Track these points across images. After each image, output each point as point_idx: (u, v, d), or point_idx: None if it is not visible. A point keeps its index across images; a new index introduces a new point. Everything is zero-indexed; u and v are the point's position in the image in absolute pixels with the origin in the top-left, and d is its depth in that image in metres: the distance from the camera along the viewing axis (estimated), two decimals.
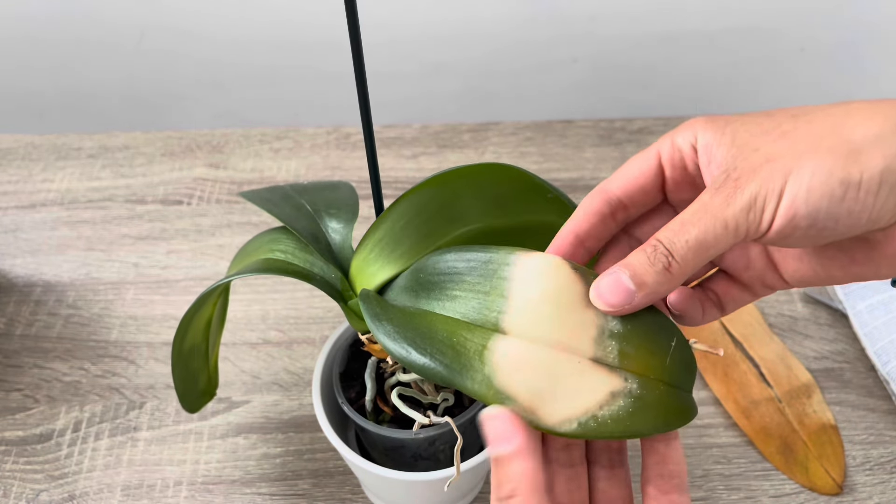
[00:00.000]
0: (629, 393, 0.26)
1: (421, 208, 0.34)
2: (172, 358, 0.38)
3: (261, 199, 0.39)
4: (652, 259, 0.26)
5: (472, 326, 0.28)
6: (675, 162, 0.29)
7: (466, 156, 0.66)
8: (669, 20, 0.74)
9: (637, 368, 0.27)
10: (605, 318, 0.27)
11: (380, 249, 0.34)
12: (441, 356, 0.27)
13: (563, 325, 0.27)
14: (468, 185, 0.34)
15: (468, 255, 0.30)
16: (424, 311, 0.30)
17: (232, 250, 0.58)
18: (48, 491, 0.45)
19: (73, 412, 0.49)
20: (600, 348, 0.27)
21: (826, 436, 0.46)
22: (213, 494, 0.45)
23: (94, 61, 0.77)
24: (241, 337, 0.53)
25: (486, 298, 0.28)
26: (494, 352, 0.27)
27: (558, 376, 0.26)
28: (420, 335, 0.28)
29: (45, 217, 0.61)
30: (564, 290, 0.28)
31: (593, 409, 0.26)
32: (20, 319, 0.54)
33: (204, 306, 0.37)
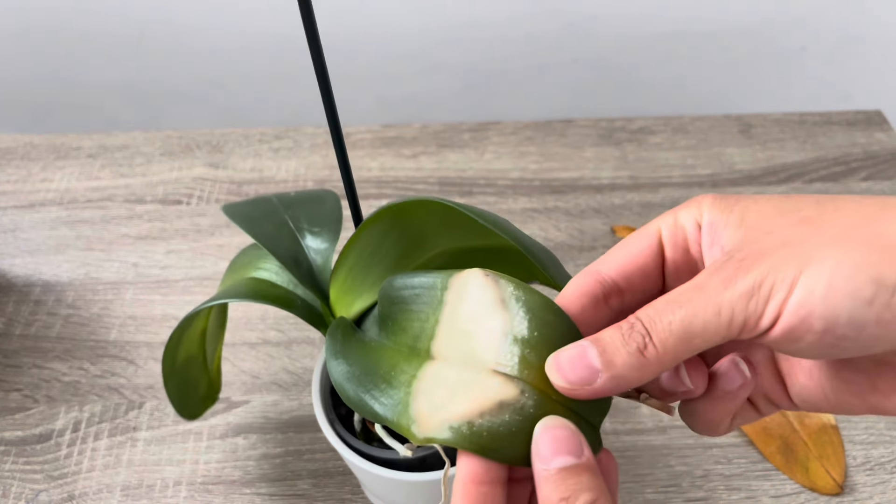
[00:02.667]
0: (521, 408, 0.23)
1: (383, 235, 0.33)
2: (164, 372, 0.37)
3: (242, 216, 0.38)
4: (626, 337, 0.22)
5: (412, 356, 0.27)
6: (678, 242, 0.25)
7: (466, 155, 0.66)
8: (670, 20, 0.74)
9: (538, 383, 0.24)
10: (512, 323, 0.24)
11: (353, 279, 0.34)
12: (377, 391, 0.26)
13: (472, 337, 0.25)
14: (418, 214, 0.32)
15: (413, 281, 0.28)
16: (381, 345, 0.29)
17: (231, 250, 0.58)
18: (47, 491, 0.45)
19: (72, 412, 0.49)
20: (500, 353, 0.24)
21: (826, 436, 0.46)
22: (212, 495, 0.45)
23: (93, 61, 0.77)
24: (240, 337, 0.53)
25: (425, 326, 0.27)
26: (421, 379, 0.25)
27: (456, 389, 0.24)
28: (366, 372, 0.27)
29: (45, 217, 0.61)
30: (481, 301, 0.25)
31: (472, 416, 0.23)
32: (19, 319, 0.54)
33: (194, 322, 0.37)
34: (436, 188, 0.63)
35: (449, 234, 0.33)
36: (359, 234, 0.33)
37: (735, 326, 0.21)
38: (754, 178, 0.64)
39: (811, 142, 0.68)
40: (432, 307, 0.27)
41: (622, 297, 0.26)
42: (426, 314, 0.27)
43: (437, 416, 0.24)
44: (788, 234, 0.22)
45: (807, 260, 0.20)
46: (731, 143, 0.67)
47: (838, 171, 0.65)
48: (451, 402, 0.24)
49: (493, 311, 0.25)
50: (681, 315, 0.21)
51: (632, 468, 0.45)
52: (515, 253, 0.32)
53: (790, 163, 0.66)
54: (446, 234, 0.33)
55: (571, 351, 0.23)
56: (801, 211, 0.22)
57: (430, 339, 0.26)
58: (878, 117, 0.70)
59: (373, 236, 0.33)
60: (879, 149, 0.67)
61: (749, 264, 0.21)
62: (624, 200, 0.62)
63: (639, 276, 0.26)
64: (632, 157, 0.66)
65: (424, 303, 0.27)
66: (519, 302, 0.25)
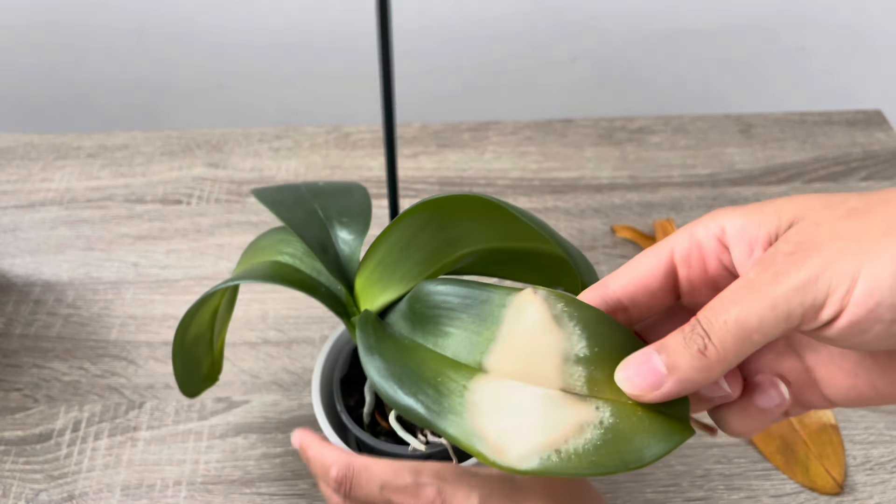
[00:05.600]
0: (600, 423, 0.24)
1: (419, 230, 0.33)
2: (174, 347, 0.38)
3: (272, 200, 0.39)
4: (687, 340, 0.23)
5: (459, 366, 0.27)
6: (693, 260, 0.25)
7: (466, 155, 0.66)
8: (669, 19, 0.74)
9: (609, 394, 0.25)
10: (570, 342, 0.25)
11: (381, 271, 0.34)
12: (424, 397, 0.26)
13: (531, 357, 0.26)
14: (462, 210, 0.32)
15: (465, 292, 0.28)
16: (417, 346, 0.29)
17: (231, 250, 0.58)
18: (48, 491, 0.45)
19: (72, 412, 0.49)
20: (567, 376, 0.25)
21: (826, 435, 0.46)
22: (212, 494, 0.45)
23: (93, 61, 0.77)
24: (240, 337, 0.53)
25: (478, 339, 0.27)
26: (474, 392, 0.26)
27: (527, 411, 0.25)
28: (408, 373, 0.28)
29: (45, 216, 0.61)
30: (536, 321, 0.26)
31: (557, 443, 0.24)
32: (19, 319, 0.54)
33: (209, 301, 0.37)
34: (435, 188, 0.63)
35: (483, 234, 0.33)
36: (394, 226, 0.33)
37: (793, 319, 0.21)
38: (754, 178, 0.64)
39: (811, 142, 0.68)
40: (486, 322, 0.27)
41: (627, 314, 0.27)
42: (479, 326, 0.27)
43: (517, 445, 0.24)
44: (839, 226, 0.21)
45: (866, 252, 0.20)
46: (731, 143, 0.67)
47: (838, 170, 0.65)
48: (528, 429, 0.24)
49: (548, 331, 0.26)
50: (735, 313, 0.22)
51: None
52: (543, 256, 0.33)
53: (790, 162, 0.66)
54: (481, 234, 0.33)
55: (637, 359, 0.24)
56: (847, 202, 0.22)
57: (482, 352, 0.27)
58: (878, 117, 0.70)
59: (408, 230, 0.33)
60: (879, 149, 0.67)
61: (801, 257, 0.21)
62: (624, 200, 0.62)
63: (643, 296, 0.26)
64: (632, 156, 0.66)
65: (477, 315, 0.28)
66: (572, 319, 0.25)
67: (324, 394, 0.40)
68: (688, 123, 0.69)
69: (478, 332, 0.27)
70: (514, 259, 0.34)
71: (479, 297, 0.28)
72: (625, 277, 0.26)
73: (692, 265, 0.25)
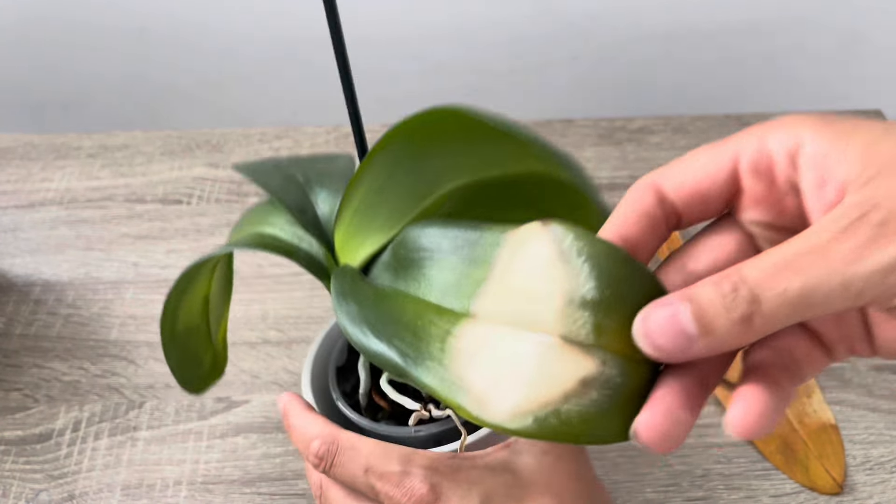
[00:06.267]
0: (606, 382, 0.20)
1: (393, 167, 0.28)
2: (163, 341, 0.35)
3: (251, 169, 0.37)
4: (729, 302, 0.19)
5: (444, 311, 0.24)
6: (761, 171, 0.21)
7: None
8: (670, 18, 0.74)
9: (619, 347, 0.21)
10: (576, 282, 0.21)
11: (358, 221, 0.30)
12: (400, 342, 0.23)
13: (528, 299, 0.22)
14: (434, 134, 0.27)
15: (455, 232, 0.25)
16: (399, 293, 0.26)
17: None
18: (48, 491, 0.45)
19: (72, 412, 0.49)
20: (570, 321, 0.21)
21: (826, 435, 0.46)
22: (212, 494, 0.45)
23: (93, 61, 0.77)
24: (240, 336, 0.53)
25: (466, 281, 0.24)
26: (459, 338, 0.23)
27: (519, 360, 0.21)
28: (384, 318, 0.25)
29: (45, 216, 0.61)
30: (537, 257, 0.22)
31: (556, 402, 0.20)
32: (19, 319, 0.54)
33: (195, 284, 0.35)
34: None
35: (468, 164, 0.28)
36: (365, 168, 0.28)
37: (863, 300, 0.18)
38: None
39: None
40: (477, 263, 0.24)
41: (677, 222, 0.23)
42: (468, 268, 0.24)
43: (506, 398, 0.21)
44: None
45: None
46: None
47: None
48: (521, 380, 0.21)
49: (551, 269, 0.21)
50: (799, 284, 0.18)
51: (631, 467, 0.45)
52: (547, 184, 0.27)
53: None
54: (465, 164, 0.28)
55: (660, 314, 0.19)
56: None
57: (469, 296, 0.23)
58: (877, 117, 0.70)
59: (381, 170, 0.29)
60: None
61: (892, 231, 0.18)
62: None
63: (699, 203, 0.22)
64: (632, 156, 0.66)
65: (467, 256, 0.24)
66: (581, 255, 0.21)
67: (318, 388, 0.38)
68: (688, 123, 0.69)
69: (467, 273, 0.24)
70: (510, 194, 0.29)
71: (470, 238, 0.24)
72: (680, 177, 0.22)
73: (760, 177, 0.21)
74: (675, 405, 0.20)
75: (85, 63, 0.77)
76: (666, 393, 0.20)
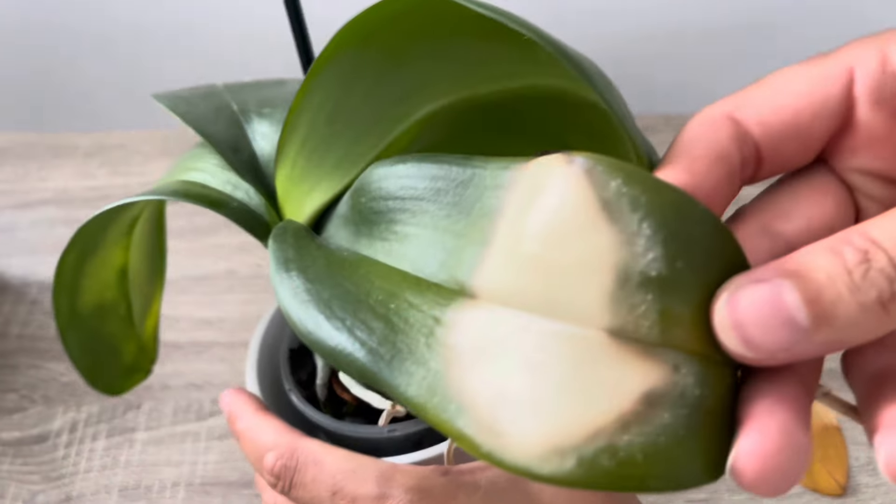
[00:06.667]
0: (682, 396, 0.14)
1: (350, 82, 0.21)
2: (58, 320, 0.28)
3: (174, 97, 0.29)
4: (858, 277, 0.13)
5: (426, 285, 0.17)
6: (886, 96, 0.16)
7: None
8: (671, 17, 0.74)
9: (696, 344, 0.14)
10: (631, 250, 0.14)
11: (305, 160, 0.23)
12: (365, 332, 0.16)
13: (558, 272, 0.15)
14: (402, 34, 0.20)
15: (435, 171, 0.18)
16: (362, 259, 0.19)
17: (230, 250, 0.58)
18: (45, 492, 0.44)
19: (69, 413, 0.48)
20: (625, 308, 0.14)
21: (829, 437, 0.46)
22: (210, 496, 0.44)
23: (90, 59, 0.76)
24: (238, 337, 0.52)
25: (457, 242, 0.17)
26: (452, 328, 0.16)
27: (547, 366, 0.14)
28: (342, 297, 0.17)
29: (42, 216, 0.61)
30: (566, 208, 0.15)
31: (609, 431, 0.14)
32: (16, 319, 0.54)
33: (103, 248, 0.28)
34: None
35: (450, 74, 0.21)
36: (308, 87, 0.21)
37: None
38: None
39: None
40: (470, 215, 0.17)
41: (755, 171, 0.17)
42: (458, 223, 0.17)
43: (529, 426, 0.14)
44: None
45: None
46: None
47: None
48: (551, 396, 0.14)
49: (591, 228, 0.15)
50: None
51: None
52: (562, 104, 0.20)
53: None
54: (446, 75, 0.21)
55: (755, 294, 0.14)
56: None
57: (464, 265, 0.16)
58: None
59: (331, 89, 0.21)
60: None
61: None
62: None
63: (793, 143, 0.16)
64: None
65: (454, 205, 0.17)
66: (637, 209, 0.14)
67: (267, 373, 0.31)
68: None
69: (456, 231, 0.17)
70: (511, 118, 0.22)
71: (457, 176, 0.17)
72: (769, 106, 0.16)
73: (882, 106, 0.16)
74: (790, 422, 0.14)
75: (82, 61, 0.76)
76: (773, 404, 0.14)
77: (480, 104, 0.22)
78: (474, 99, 0.21)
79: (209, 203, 0.25)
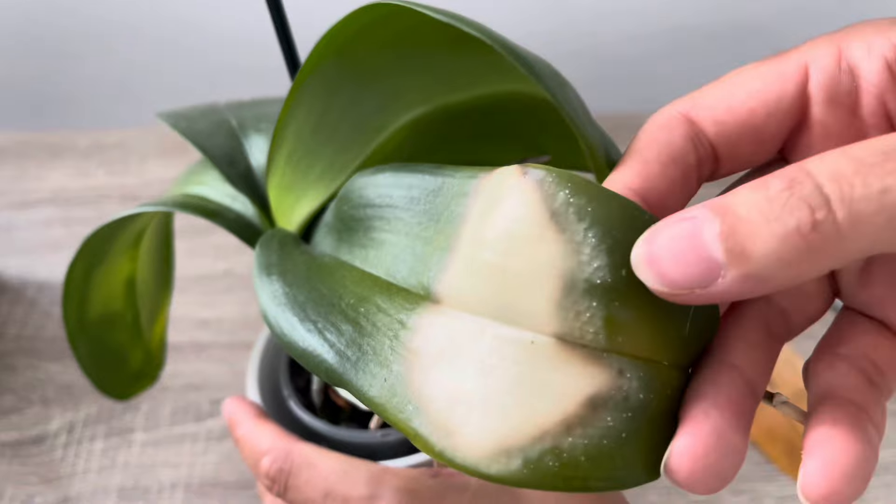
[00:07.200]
0: (625, 400, 0.15)
1: (330, 94, 0.22)
2: (68, 330, 0.30)
3: (175, 115, 0.31)
4: (778, 206, 0.12)
5: (395, 290, 0.18)
6: (839, 92, 0.15)
7: None
8: (673, 15, 0.74)
9: (641, 348, 0.15)
10: (577, 259, 0.15)
11: (292, 170, 0.24)
12: (335, 335, 0.17)
13: (510, 280, 0.16)
14: (377, 45, 0.21)
15: (409, 180, 0.18)
16: (339, 264, 0.20)
17: (228, 250, 0.58)
18: (42, 494, 0.44)
19: (67, 414, 0.48)
20: (570, 315, 0.15)
21: None
22: (209, 497, 0.44)
23: (88, 58, 0.76)
24: (237, 337, 0.52)
25: (425, 249, 0.17)
26: (416, 332, 0.16)
27: (499, 370, 0.15)
28: (317, 301, 0.18)
29: (39, 216, 0.61)
30: (519, 218, 0.16)
31: (553, 433, 0.14)
32: (14, 320, 0.53)
33: (110, 259, 0.30)
34: None
35: (426, 84, 0.22)
36: (293, 99, 0.22)
37: None
38: None
39: None
40: (438, 222, 0.17)
41: (712, 171, 0.17)
42: (427, 230, 0.17)
43: (480, 426, 0.15)
44: None
45: None
46: None
47: None
48: (501, 399, 0.15)
49: (541, 238, 0.15)
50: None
51: None
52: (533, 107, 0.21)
53: None
54: (420, 85, 0.22)
55: (674, 231, 0.13)
56: None
57: (430, 269, 0.17)
58: None
59: (313, 101, 0.22)
60: None
61: None
62: None
63: (749, 143, 0.16)
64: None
65: (425, 212, 0.18)
66: (583, 219, 0.15)
67: (268, 380, 0.32)
68: None
69: (426, 238, 0.17)
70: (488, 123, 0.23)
71: (429, 185, 0.18)
72: (724, 104, 0.16)
73: (836, 104, 0.15)
74: (724, 424, 0.14)
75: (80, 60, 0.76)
76: (709, 407, 0.15)
77: (457, 112, 0.22)
78: (449, 107, 0.22)
79: (207, 214, 0.27)
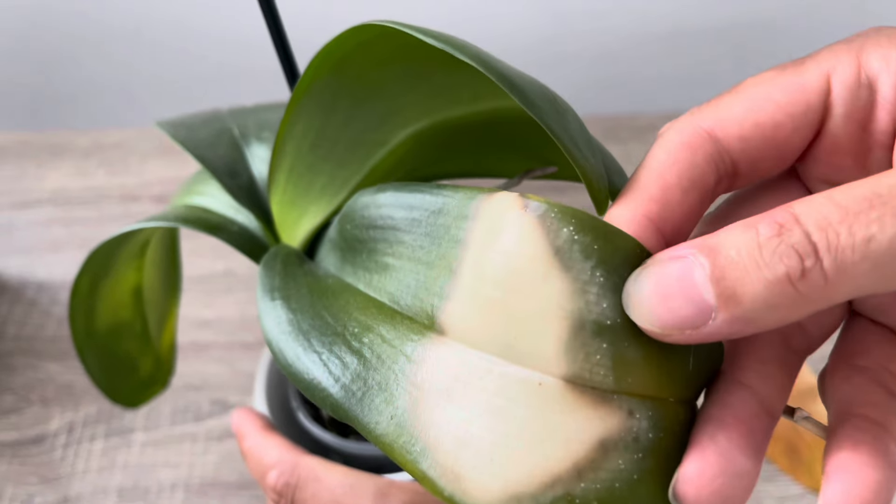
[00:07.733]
0: (636, 441, 0.14)
1: (328, 109, 0.22)
2: (75, 340, 0.29)
3: (175, 124, 0.29)
4: (768, 252, 0.12)
5: (399, 318, 0.17)
6: (857, 107, 0.15)
7: None
8: (674, 16, 0.74)
9: (650, 387, 0.15)
10: (584, 299, 0.14)
11: (294, 185, 0.23)
12: (338, 366, 0.17)
13: (515, 316, 0.15)
14: (373, 62, 0.21)
15: (410, 200, 0.18)
16: (344, 287, 0.19)
17: (228, 250, 0.57)
18: (42, 494, 0.44)
19: (67, 414, 0.48)
20: (579, 357, 0.14)
21: None
22: (208, 497, 0.44)
23: (87, 58, 0.76)
24: (237, 338, 0.52)
25: (428, 273, 0.17)
26: (420, 365, 0.16)
27: (507, 413, 0.15)
28: (322, 329, 0.18)
29: (39, 216, 0.61)
30: (522, 255, 0.15)
31: (565, 479, 0.14)
32: (13, 320, 0.53)
33: (116, 270, 0.29)
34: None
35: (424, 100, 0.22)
36: (292, 113, 0.22)
37: None
38: None
39: None
40: (440, 245, 0.16)
41: (729, 184, 0.16)
42: (429, 253, 0.17)
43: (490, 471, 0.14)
44: None
45: None
46: None
47: None
48: (510, 445, 0.14)
49: (545, 276, 0.15)
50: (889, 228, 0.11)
51: None
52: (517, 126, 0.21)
53: None
54: (420, 101, 0.22)
55: (667, 270, 0.13)
56: None
57: (435, 297, 0.16)
58: None
59: (312, 116, 0.22)
60: None
61: None
62: None
63: (773, 153, 0.15)
64: (636, 155, 0.65)
65: (427, 234, 0.17)
66: (590, 256, 0.14)
67: (277, 392, 0.32)
68: None
69: (428, 262, 0.17)
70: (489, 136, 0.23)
71: (430, 206, 0.17)
72: (748, 118, 0.15)
73: (853, 116, 0.15)
74: (731, 447, 0.14)
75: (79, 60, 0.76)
76: (717, 430, 0.14)
77: (459, 125, 0.22)
78: (450, 121, 0.22)
79: (210, 229, 0.26)
